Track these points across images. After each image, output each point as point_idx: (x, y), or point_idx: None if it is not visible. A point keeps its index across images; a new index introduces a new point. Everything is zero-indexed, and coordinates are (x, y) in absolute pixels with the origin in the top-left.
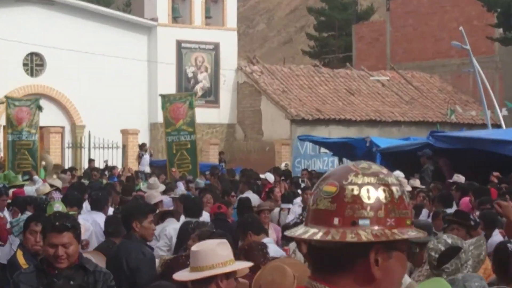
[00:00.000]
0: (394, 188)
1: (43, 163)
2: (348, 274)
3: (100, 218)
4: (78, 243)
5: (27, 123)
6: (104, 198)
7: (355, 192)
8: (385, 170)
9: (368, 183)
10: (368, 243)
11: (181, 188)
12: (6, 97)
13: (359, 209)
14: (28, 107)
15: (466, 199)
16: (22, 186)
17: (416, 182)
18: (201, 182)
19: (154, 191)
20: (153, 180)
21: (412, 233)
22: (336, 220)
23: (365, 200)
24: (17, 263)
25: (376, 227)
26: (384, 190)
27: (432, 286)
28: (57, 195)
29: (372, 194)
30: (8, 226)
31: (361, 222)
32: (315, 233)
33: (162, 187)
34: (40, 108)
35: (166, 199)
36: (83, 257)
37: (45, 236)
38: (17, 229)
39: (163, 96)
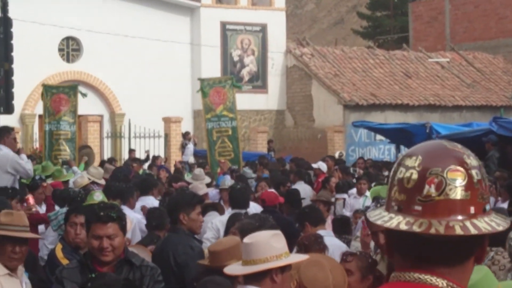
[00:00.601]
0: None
1: (86, 158)
2: (467, 264)
3: (126, 211)
4: (124, 235)
5: (65, 112)
6: (130, 190)
7: (478, 177)
8: None
9: (475, 166)
10: None
11: (228, 181)
12: (43, 85)
13: (485, 194)
14: (66, 95)
15: None
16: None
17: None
18: (249, 171)
19: (199, 183)
20: (198, 171)
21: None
22: (472, 209)
23: (484, 184)
24: (56, 258)
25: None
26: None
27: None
28: (98, 188)
29: (479, 177)
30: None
31: (487, 207)
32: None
33: (208, 179)
34: (83, 94)
35: (211, 192)
36: (129, 251)
37: (89, 228)
38: (55, 223)
39: (202, 80)
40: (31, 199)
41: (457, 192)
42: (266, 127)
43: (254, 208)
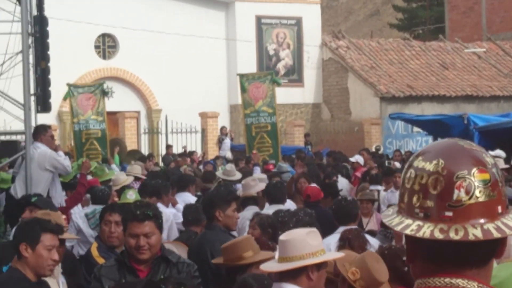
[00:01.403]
0: None
1: (118, 148)
2: (491, 263)
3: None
4: (160, 233)
5: (94, 110)
6: (165, 186)
7: (499, 175)
8: None
9: (494, 164)
10: None
11: (258, 172)
12: (68, 84)
13: (505, 192)
14: (92, 93)
15: None
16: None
17: None
18: (284, 165)
19: (251, 180)
20: (230, 166)
21: None
22: (499, 208)
23: (502, 181)
24: (92, 257)
25: None
26: None
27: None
28: (136, 185)
29: (499, 175)
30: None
31: (510, 206)
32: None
33: (239, 175)
34: (105, 93)
35: (237, 185)
36: (165, 249)
37: (125, 227)
38: (93, 222)
39: (242, 76)
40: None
41: (486, 193)
42: (302, 121)
43: (290, 204)
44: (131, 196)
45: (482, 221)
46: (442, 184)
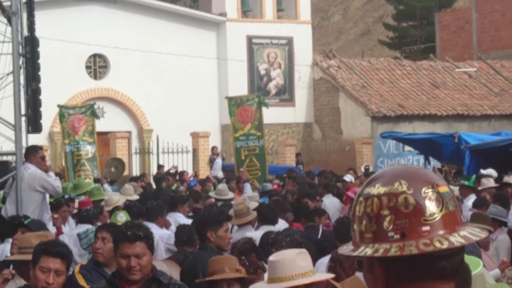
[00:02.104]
0: None
1: (113, 169)
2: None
3: (153, 229)
4: (151, 254)
5: (84, 131)
6: (160, 208)
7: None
8: None
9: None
10: None
11: (248, 189)
12: (59, 106)
13: None
14: (83, 114)
15: None
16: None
17: (511, 179)
18: (269, 185)
19: (242, 199)
20: (222, 186)
21: None
22: (461, 217)
23: None
24: (73, 274)
25: None
26: None
27: None
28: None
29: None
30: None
31: (504, 227)
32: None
33: (231, 194)
34: (96, 115)
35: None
36: (157, 270)
37: (116, 248)
38: (85, 242)
39: (230, 99)
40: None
41: (452, 204)
42: (294, 140)
43: (282, 224)
44: (122, 218)
45: (457, 228)
46: (413, 202)
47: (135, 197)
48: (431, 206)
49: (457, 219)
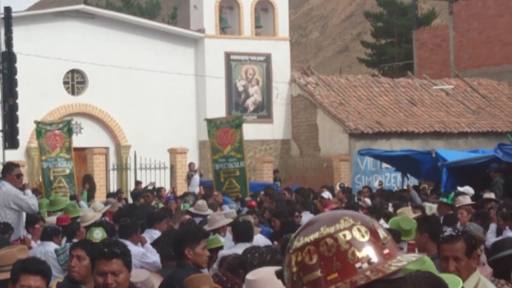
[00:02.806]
0: None
1: (87, 185)
2: None
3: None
4: (129, 271)
5: (61, 148)
6: (134, 225)
7: None
8: None
9: None
10: None
11: (226, 208)
12: (36, 122)
13: None
14: (60, 131)
15: None
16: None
17: (491, 195)
18: (234, 205)
19: (217, 215)
20: (201, 201)
21: None
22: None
23: None
24: None
25: None
26: None
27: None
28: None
29: None
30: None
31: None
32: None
33: (210, 211)
34: (70, 132)
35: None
36: (134, 287)
37: (93, 265)
38: (62, 258)
39: (209, 121)
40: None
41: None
42: (271, 157)
43: (261, 239)
44: (98, 234)
45: (404, 250)
46: (366, 230)
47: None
48: (382, 231)
49: (396, 244)
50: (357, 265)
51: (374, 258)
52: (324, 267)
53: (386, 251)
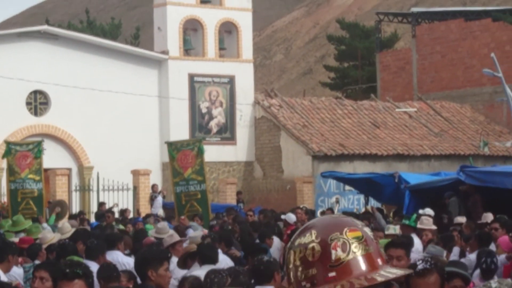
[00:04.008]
0: None
1: (58, 209)
2: None
3: (94, 268)
4: None
5: (31, 169)
6: (100, 246)
7: (371, 233)
8: None
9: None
10: None
11: (190, 232)
12: (6, 141)
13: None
14: (30, 152)
15: (505, 238)
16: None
17: (463, 219)
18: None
19: (172, 233)
20: (161, 224)
21: None
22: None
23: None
24: None
25: None
26: None
27: None
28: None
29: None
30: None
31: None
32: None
33: (172, 233)
34: (38, 153)
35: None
36: None
37: (56, 285)
38: (25, 276)
39: (170, 144)
40: None
41: (362, 248)
42: (235, 179)
43: (225, 261)
44: None
45: (365, 271)
46: (319, 250)
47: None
48: (337, 252)
49: (369, 262)
50: (303, 283)
51: (317, 279)
52: (288, 277)
53: (331, 273)
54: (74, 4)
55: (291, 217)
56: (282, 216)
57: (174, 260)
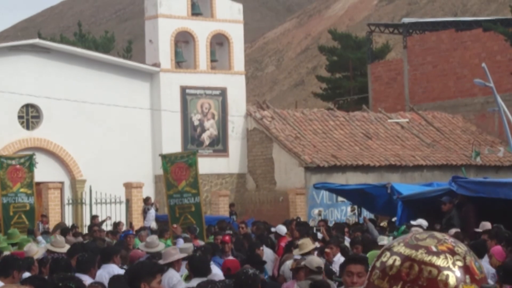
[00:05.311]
0: None
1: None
2: None
3: (87, 281)
4: None
5: (22, 183)
6: (91, 259)
7: None
8: None
9: None
10: None
11: (181, 244)
12: None
13: None
14: (22, 165)
15: (498, 248)
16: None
17: (487, 225)
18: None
19: (172, 249)
20: (151, 238)
21: None
22: None
23: None
24: None
25: None
26: None
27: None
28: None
29: None
30: None
31: None
32: None
33: (162, 246)
34: (31, 167)
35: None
36: None
37: None
38: None
39: (164, 157)
40: None
41: None
42: (227, 191)
43: (218, 275)
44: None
45: None
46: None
47: (64, 250)
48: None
49: None
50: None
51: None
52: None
53: None
54: (65, 17)
55: (281, 229)
56: (272, 229)
57: (176, 274)
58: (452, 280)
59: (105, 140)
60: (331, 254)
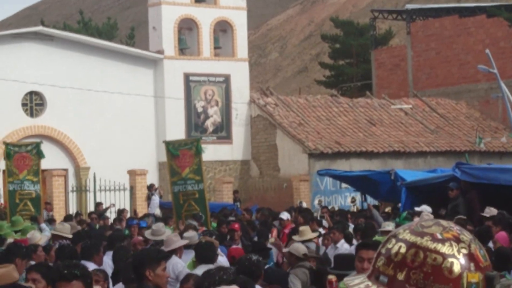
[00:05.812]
0: None
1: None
2: None
3: (91, 267)
4: None
5: (29, 170)
6: (95, 246)
7: None
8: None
9: None
10: None
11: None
12: (5, 143)
13: None
14: (28, 153)
15: (503, 234)
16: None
17: (492, 210)
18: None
19: (174, 236)
20: (156, 225)
21: None
22: None
23: None
24: None
25: None
26: None
27: None
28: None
29: None
30: None
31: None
32: None
33: (168, 233)
34: (41, 155)
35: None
36: None
37: (53, 287)
38: (20, 278)
39: (168, 143)
40: None
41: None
42: (231, 178)
43: (224, 261)
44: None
45: None
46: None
47: (70, 235)
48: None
49: None
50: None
51: None
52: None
53: None
54: (68, 5)
55: (286, 216)
56: (281, 215)
57: (180, 260)
58: (456, 268)
59: (109, 127)
60: (331, 240)
